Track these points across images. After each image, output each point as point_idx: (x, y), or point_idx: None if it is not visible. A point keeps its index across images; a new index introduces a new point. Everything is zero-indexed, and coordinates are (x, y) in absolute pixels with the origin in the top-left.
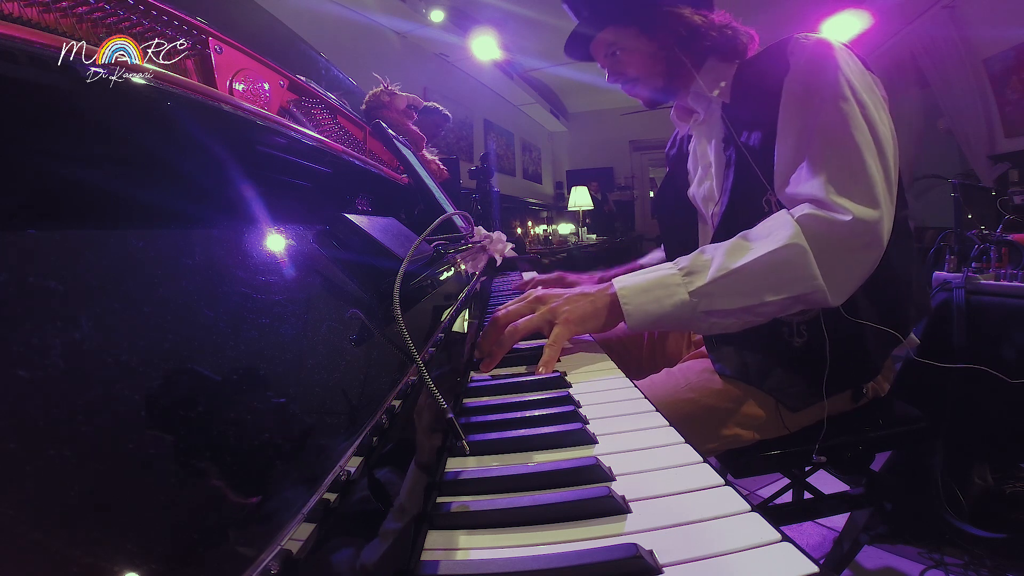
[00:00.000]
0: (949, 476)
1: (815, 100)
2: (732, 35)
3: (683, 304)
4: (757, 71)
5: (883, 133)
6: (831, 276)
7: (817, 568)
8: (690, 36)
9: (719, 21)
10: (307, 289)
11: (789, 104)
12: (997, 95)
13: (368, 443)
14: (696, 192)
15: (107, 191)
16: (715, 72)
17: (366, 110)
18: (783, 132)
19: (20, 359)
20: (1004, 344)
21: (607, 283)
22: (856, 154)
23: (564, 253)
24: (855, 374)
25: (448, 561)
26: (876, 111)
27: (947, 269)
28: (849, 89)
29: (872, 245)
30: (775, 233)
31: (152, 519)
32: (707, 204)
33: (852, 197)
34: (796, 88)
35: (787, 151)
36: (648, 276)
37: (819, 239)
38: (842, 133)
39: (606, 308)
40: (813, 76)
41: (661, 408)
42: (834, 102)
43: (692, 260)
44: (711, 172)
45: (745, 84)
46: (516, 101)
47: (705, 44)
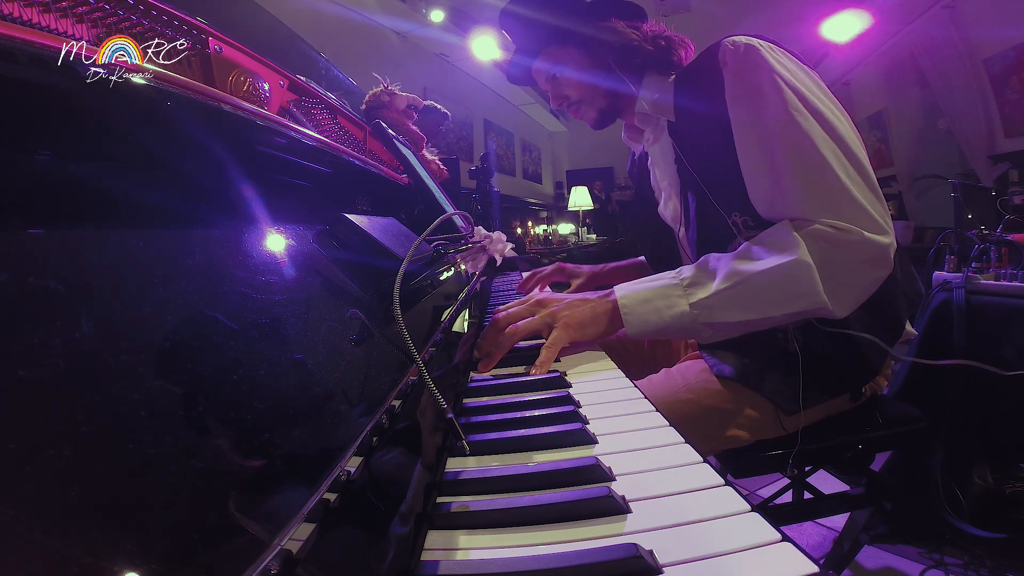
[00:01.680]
0: (949, 476)
1: (763, 108)
2: (667, 46)
3: (683, 315)
4: (694, 81)
5: (849, 139)
6: (837, 291)
7: (817, 568)
8: (625, 50)
9: (652, 32)
10: (307, 289)
11: (738, 116)
12: (997, 95)
13: (368, 443)
14: (664, 212)
15: (107, 191)
16: (655, 87)
17: (366, 110)
18: (741, 145)
19: (20, 359)
20: (1004, 344)
21: (608, 290)
22: (824, 169)
23: (564, 253)
24: (853, 376)
25: (448, 561)
26: (835, 117)
27: (947, 269)
28: (795, 96)
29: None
30: (779, 248)
31: (152, 519)
32: (676, 223)
33: (839, 218)
34: (738, 97)
35: (755, 170)
36: (649, 285)
37: (827, 257)
38: (805, 146)
39: (606, 316)
40: (754, 85)
41: (659, 408)
42: (784, 111)
43: (695, 271)
44: (672, 192)
45: (685, 98)
46: (516, 101)
47: (641, 57)
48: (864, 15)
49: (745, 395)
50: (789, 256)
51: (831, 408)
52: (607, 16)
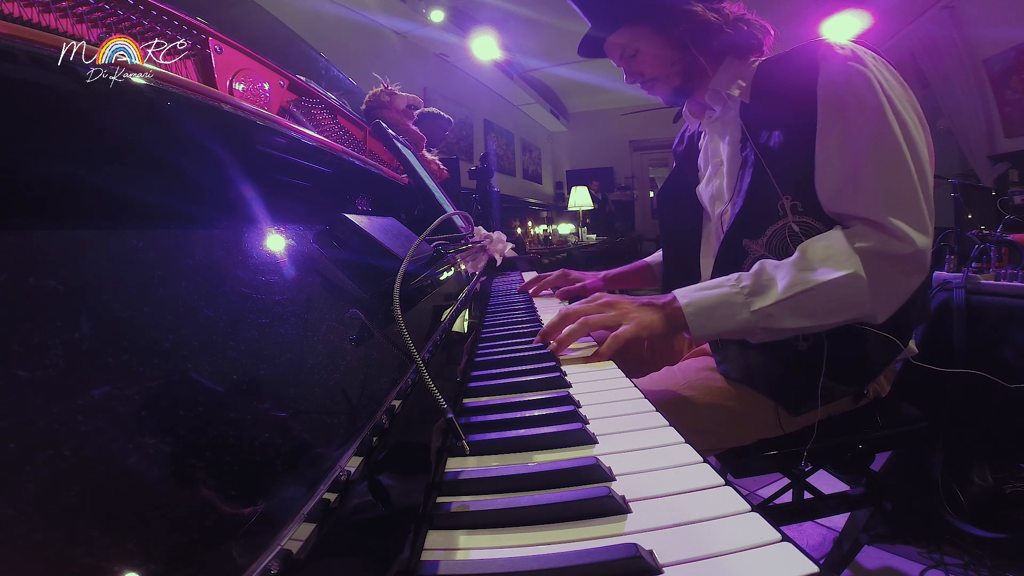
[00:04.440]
0: (949, 476)
1: (859, 112)
2: (747, 30)
3: (746, 322)
4: (782, 73)
5: (923, 153)
6: (882, 301)
7: (817, 568)
8: (704, 33)
9: (734, 15)
10: (307, 289)
11: (829, 113)
12: (997, 95)
13: (368, 443)
14: (704, 190)
15: (107, 191)
16: (733, 70)
17: (366, 110)
18: (824, 139)
19: (20, 359)
20: (1004, 344)
21: (670, 297)
22: (907, 174)
23: (564, 253)
24: (857, 377)
25: (448, 561)
26: (917, 130)
27: (947, 269)
28: (889, 106)
29: (921, 271)
30: (837, 262)
31: (152, 519)
32: (714, 203)
33: (907, 220)
34: (834, 97)
35: (831, 161)
36: (712, 294)
37: (878, 270)
38: (893, 151)
39: (672, 320)
40: (853, 87)
41: (659, 405)
42: (880, 117)
43: (754, 279)
44: (722, 171)
45: (767, 85)
46: (516, 101)
47: (720, 41)
48: (864, 15)
49: (746, 394)
50: (846, 271)
51: (833, 409)
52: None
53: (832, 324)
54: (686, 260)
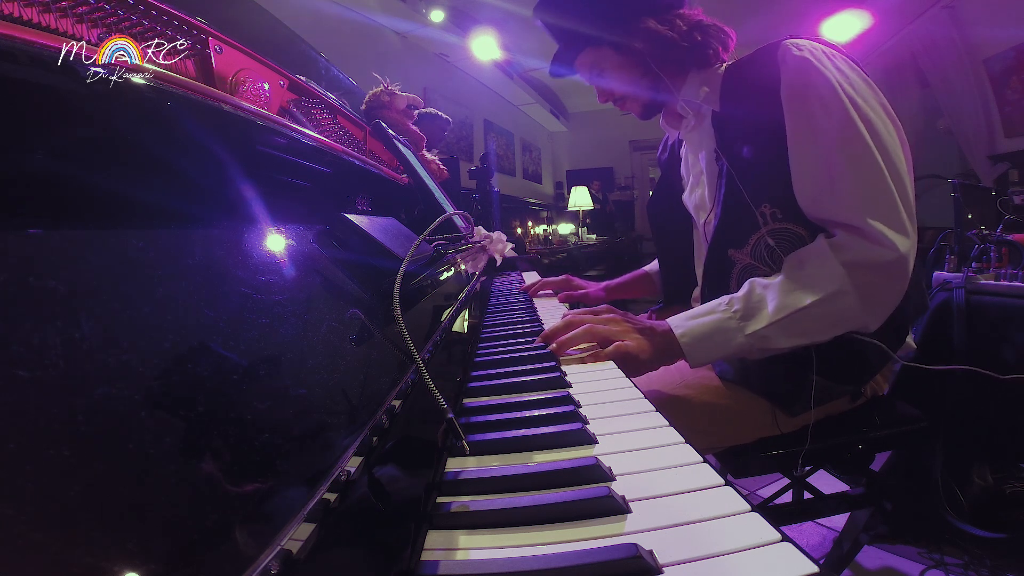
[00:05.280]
0: (949, 476)
1: (824, 114)
2: (703, 40)
3: (741, 346)
4: (747, 77)
5: (893, 149)
6: (872, 310)
7: (817, 568)
8: (661, 48)
9: (689, 24)
10: (307, 289)
11: (796, 116)
12: (997, 95)
13: (368, 443)
14: (688, 199)
15: (107, 191)
16: (700, 79)
17: (366, 110)
18: (795, 145)
19: (20, 359)
20: (1004, 344)
21: (664, 325)
22: (878, 173)
23: (564, 253)
24: (854, 376)
25: (448, 561)
26: (885, 126)
27: (947, 269)
28: (851, 104)
29: (905, 275)
30: (823, 279)
31: (152, 519)
32: (699, 212)
33: (886, 223)
34: (798, 100)
35: (805, 166)
36: (706, 322)
37: (864, 282)
38: (861, 150)
39: (671, 350)
40: (814, 89)
41: (656, 403)
42: (844, 117)
43: (744, 302)
44: (703, 180)
45: (735, 90)
46: (516, 101)
47: (677, 55)
48: (864, 15)
49: (742, 394)
50: (832, 288)
51: (831, 408)
52: (637, 16)
53: (828, 338)
54: (683, 267)
